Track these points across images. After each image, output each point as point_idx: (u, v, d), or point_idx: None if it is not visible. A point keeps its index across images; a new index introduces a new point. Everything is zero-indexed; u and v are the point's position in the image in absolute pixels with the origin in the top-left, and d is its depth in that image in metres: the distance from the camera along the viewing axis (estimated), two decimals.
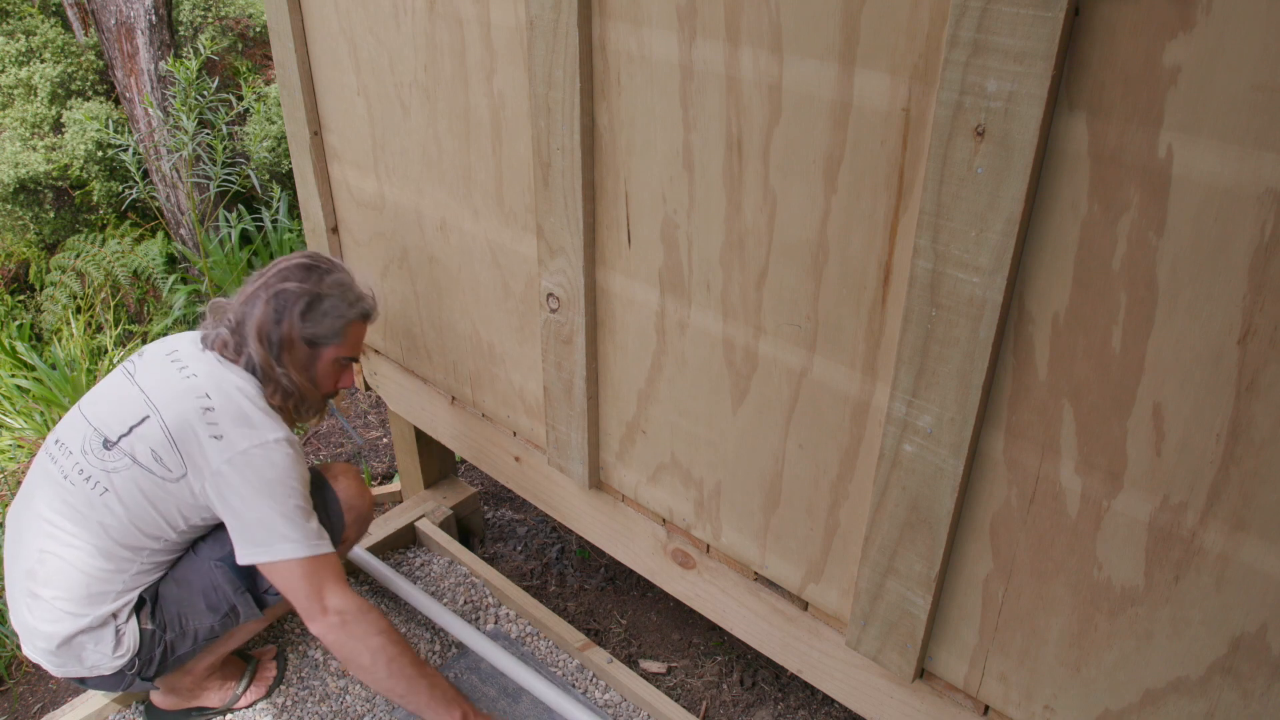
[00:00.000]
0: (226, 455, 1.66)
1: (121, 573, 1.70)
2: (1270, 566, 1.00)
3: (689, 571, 1.76)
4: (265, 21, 4.45)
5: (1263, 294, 0.91)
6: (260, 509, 1.66)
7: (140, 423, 1.70)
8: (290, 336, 1.76)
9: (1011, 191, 1.01)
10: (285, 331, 1.75)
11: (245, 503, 1.66)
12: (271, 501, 1.66)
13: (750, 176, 1.29)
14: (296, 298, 1.76)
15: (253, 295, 1.77)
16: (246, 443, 1.67)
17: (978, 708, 1.38)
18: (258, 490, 1.66)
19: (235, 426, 1.68)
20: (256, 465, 1.66)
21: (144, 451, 1.68)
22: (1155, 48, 0.90)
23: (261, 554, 1.67)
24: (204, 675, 1.96)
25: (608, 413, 1.74)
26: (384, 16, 1.79)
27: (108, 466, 1.68)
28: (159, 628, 1.75)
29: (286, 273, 1.78)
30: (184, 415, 1.68)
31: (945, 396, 1.16)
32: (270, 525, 1.66)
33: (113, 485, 1.67)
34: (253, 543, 1.67)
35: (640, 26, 1.33)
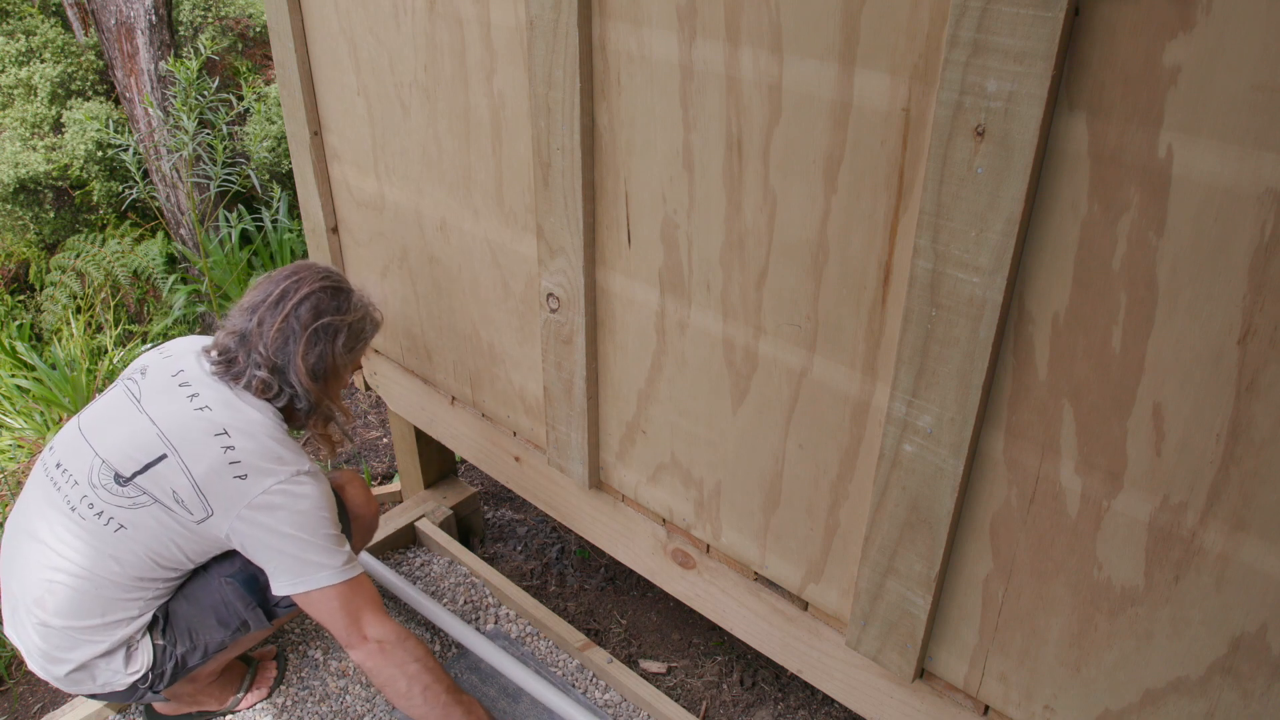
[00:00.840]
0: (253, 495, 1.64)
1: (136, 600, 1.69)
2: (1270, 566, 1.00)
3: (689, 571, 1.76)
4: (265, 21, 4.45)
5: (1263, 294, 0.91)
6: (294, 544, 1.65)
7: (157, 461, 1.65)
8: (335, 367, 1.77)
9: (1011, 191, 1.01)
10: (329, 364, 1.76)
11: (279, 538, 1.65)
12: (304, 534, 1.65)
13: (750, 176, 1.29)
14: (336, 331, 1.75)
15: (283, 330, 1.72)
16: (273, 480, 1.65)
17: (978, 708, 1.38)
18: (290, 524, 1.65)
19: (261, 464, 1.66)
20: (286, 502, 1.65)
21: (164, 491, 1.64)
22: (1155, 48, 0.90)
23: (299, 585, 1.67)
24: (206, 681, 1.96)
25: (608, 413, 1.74)
26: (384, 16, 1.79)
27: (122, 503, 1.64)
28: (170, 643, 1.74)
29: (318, 305, 1.74)
30: (207, 460, 1.64)
31: (945, 396, 1.16)
32: (305, 558, 1.66)
33: (128, 522, 1.64)
34: (289, 573, 1.66)
35: (640, 26, 1.33)
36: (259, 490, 1.64)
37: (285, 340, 1.72)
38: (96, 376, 3.49)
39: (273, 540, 1.65)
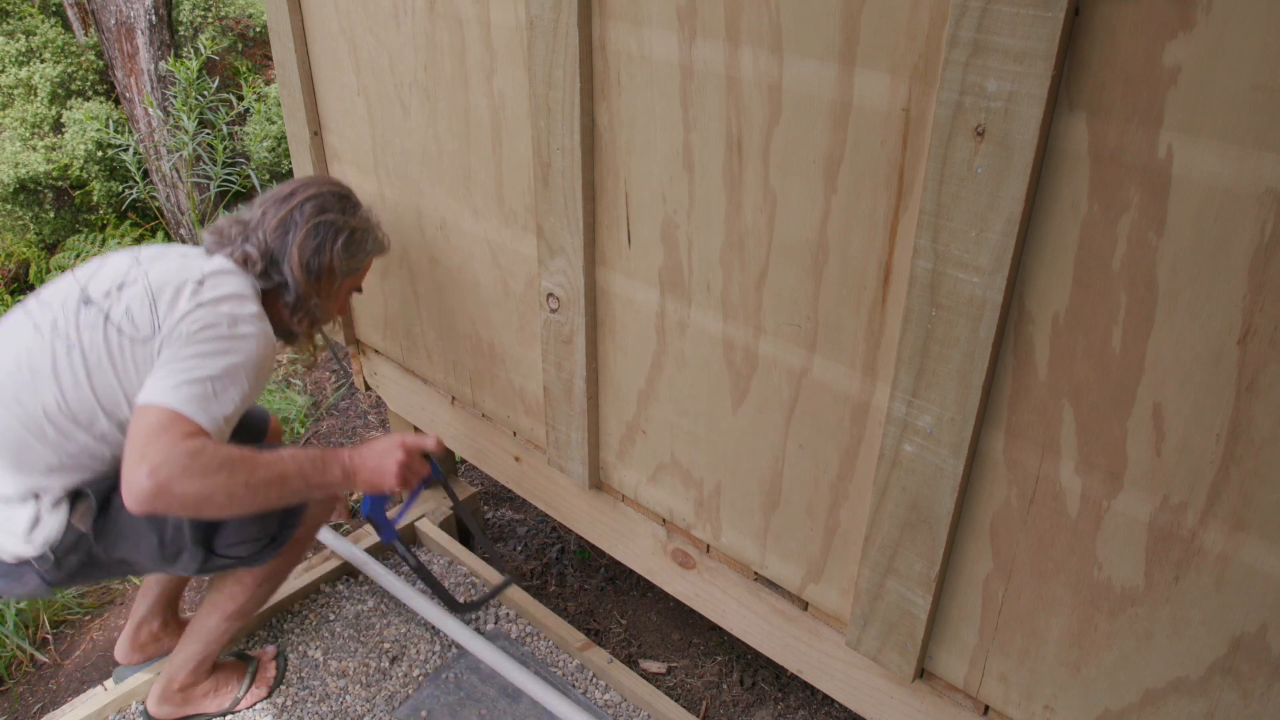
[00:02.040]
0: (191, 307, 1.55)
1: (58, 448, 1.56)
2: (1270, 566, 1.00)
3: (689, 571, 1.76)
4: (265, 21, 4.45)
5: (1263, 294, 0.91)
6: (188, 364, 1.49)
7: (125, 285, 1.60)
8: (330, 266, 1.73)
9: (1011, 191, 1.01)
10: (326, 261, 1.72)
11: (183, 357, 1.50)
12: (205, 368, 1.50)
13: (750, 176, 1.29)
14: (339, 230, 1.73)
15: (285, 221, 1.70)
16: (224, 312, 1.56)
17: (978, 708, 1.38)
18: (202, 352, 1.51)
19: (221, 302, 1.58)
20: (216, 333, 1.53)
21: (119, 311, 1.57)
22: (1155, 48, 0.90)
23: (149, 395, 1.47)
24: (188, 684, 1.94)
25: (608, 413, 1.74)
26: (384, 16, 1.79)
27: (81, 324, 1.57)
28: (92, 535, 1.61)
29: (324, 202, 1.73)
30: (170, 277, 1.59)
31: (945, 396, 1.16)
32: (173, 373, 1.49)
33: (81, 343, 1.56)
34: (154, 384, 1.48)
35: (640, 26, 1.33)
36: (201, 305, 1.55)
37: (285, 230, 1.69)
38: None
39: (176, 353, 1.51)
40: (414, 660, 2.14)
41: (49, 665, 2.37)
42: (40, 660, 2.37)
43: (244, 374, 1.55)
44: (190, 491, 1.42)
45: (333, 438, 3.25)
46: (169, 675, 1.93)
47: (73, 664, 2.37)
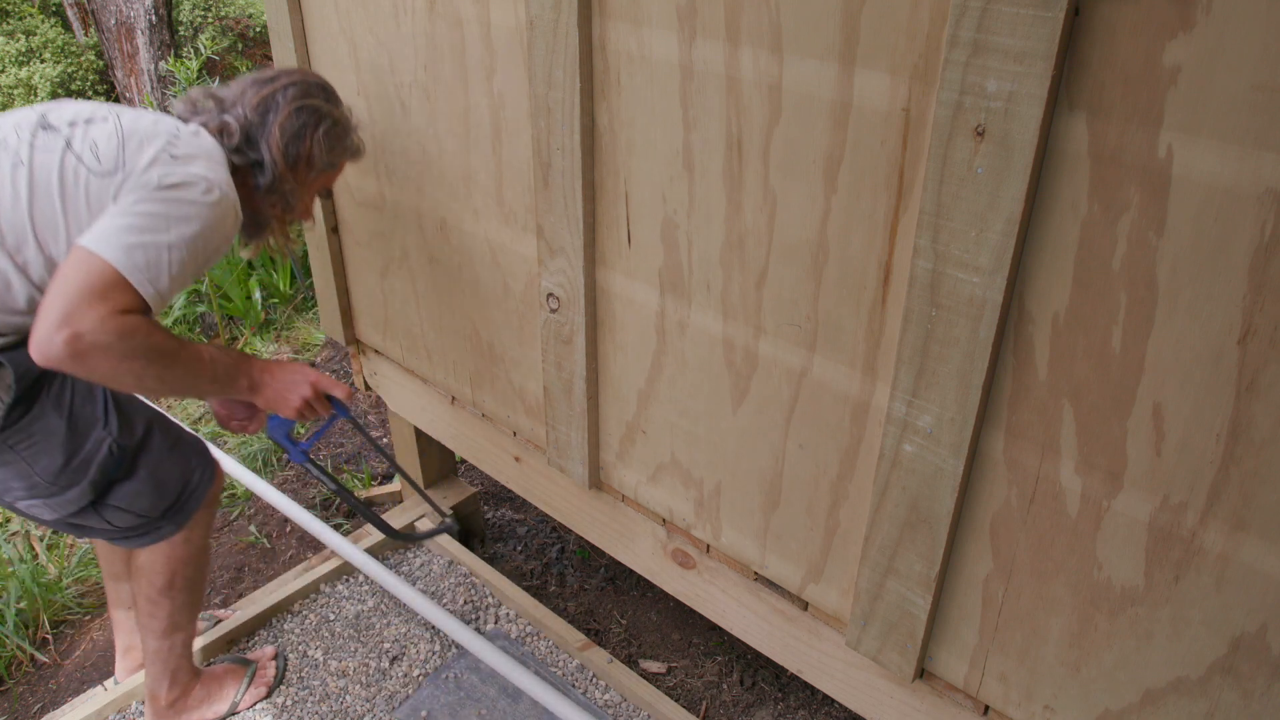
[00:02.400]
0: (163, 157, 1.45)
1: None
2: (1270, 566, 1.00)
3: (689, 571, 1.76)
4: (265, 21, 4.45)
5: (1263, 294, 0.91)
6: (137, 217, 1.39)
7: (94, 121, 1.50)
8: (309, 154, 1.65)
9: (1011, 191, 1.01)
10: (306, 148, 1.64)
11: (133, 204, 1.40)
12: (156, 226, 1.39)
13: (750, 176, 1.29)
14: (322, 117, 1.66)
15: (267, 100, 1.62)
16: (196, 170, 1.46)
17: (978, 708, 1.38)
18: (142, 204, 1.40)
19: (192, 153, 1.48)
20: (183, 195, 1.43)
21: (82, 141, 1.46)
22: (1155, 48, 0.90)
23: (88, 240, 1.36)
24: (175, 697, 1.91)
25: (608, 413, 1.74)
26: (384, 16, 1.79)
27: (36, 144, 1.46)
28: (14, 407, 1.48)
29: (308, 88, 1.67)
30: (143, 125, 1.50)
31: (945, 396, 1.16)
32: (125, 227, 1.37)
33: (31, 162, 1.44)
34: (99, 229, 1.38)
35: (640, 26, 1.33)
36: (177, 172, 1.44)
37: (267, 109, 1.62)
38: None
39: (137, 202, 1.41)
40: (414, 660, 2.15)
41: (49, 665, 2.37)
42: (40, 660, 2.37)
43: (202, 244, 1.45)
44: (104, 368, 1.34)
45: (333, 437, 3.25)
46: (150, 696, 1.92)
47: (73, 664, 2.37)
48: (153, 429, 1.71)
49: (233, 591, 2.60)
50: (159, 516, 1.72)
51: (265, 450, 3.11)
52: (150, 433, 1.70)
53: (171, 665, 1.88)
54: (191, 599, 1.85)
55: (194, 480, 1.76)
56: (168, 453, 1.72)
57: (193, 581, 1.83)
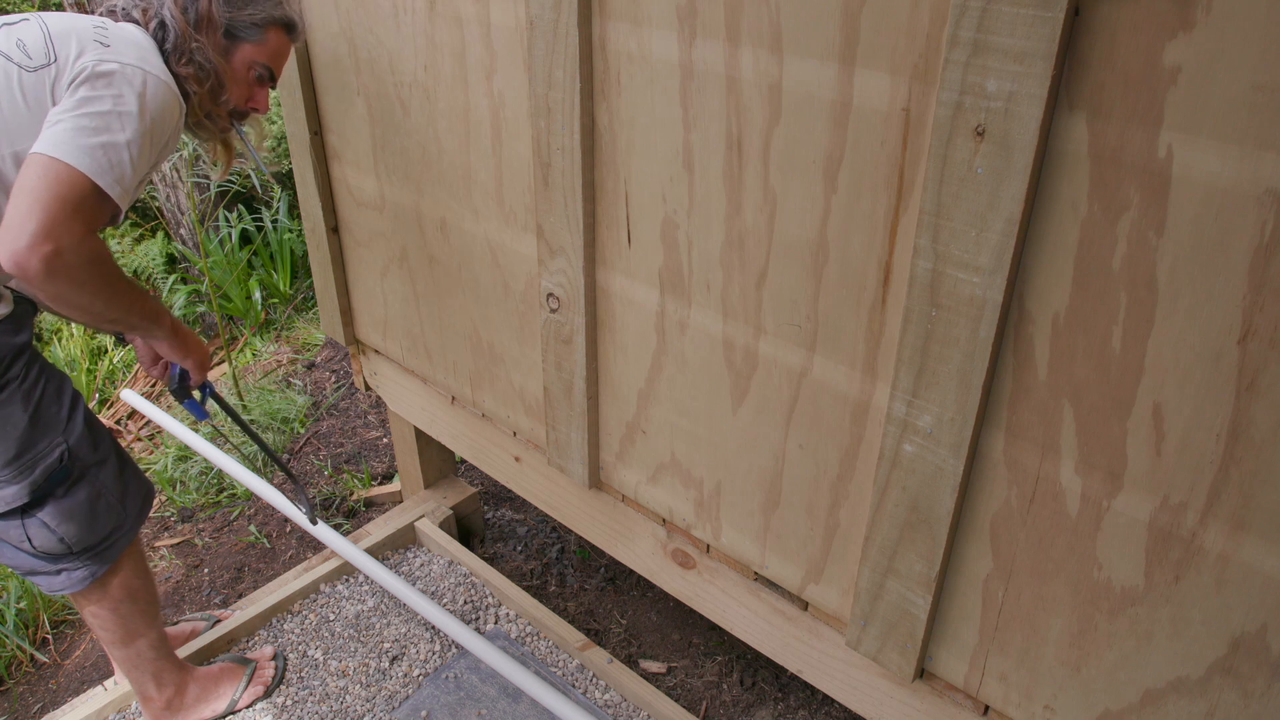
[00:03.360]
0: (95, 48, 1.42)
1: None
2: (1270, 566, 1.00)
3: (689, 571, 1.76)
4: None
5: (1263, 294, 0.91)
6: (86, 119, 1.35)
7: (16, 25, 1.47)
8: (209, 14, 1.56)
9: (1011, 191, 1.01)
10: (203, 7, 1.55)
11: (80, 104, 1.37)
12: (91, 115, 1.36)
13: (750, 176, 1.29)
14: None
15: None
16: (131, 59, 1.43)
17: (977, 708, 1.38)
18: (88, 104, 1.37)
19: (126, 47, 1.45)
20: (128, 87, 1.40)
21: (8, 42, 1.43)
22: (1155, 48, 0.90)
23: (43, 145, 1.33)
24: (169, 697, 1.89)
25: (608, 413, 1.74)
26: (384, 16, 1.79)
27: None
28: None
29: None
30: (71, 22, 1.47)
31: (945, 396, 1.16)
32: (81, 129, 1.34)
33: None
34: (49, 136, 1.34)
35: (640, 26, 1.33)
36: (113, 61, 1.41)
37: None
38: (96, 376, 3.49)
39: (86, 99, 1.37)
40: (414, 660, 2.15)
41: (49, 665, 2.37)
42: (40, 660, 2.37)
43: (155, 135, 1.44)
44: (66, 289, 1.34)
45: (333, 437, 3.25)
46: (141, 699, 1.90)
47: (73, 664, 2.37)
48: (110, 459, 1.67)
49: (233, 591, 2.60)
50: (78, 552, 1.64)
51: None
52: (107, 461, 1.66)
53: (148, 669, 1.85)
54: (136, 607, 1.77)
55: (125, 528, 1.70)
56: (115, 490, 1.67)
57: (132, 590, 1.76)
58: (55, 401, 1.57)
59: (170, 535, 2.82)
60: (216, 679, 2.01)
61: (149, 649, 1.83)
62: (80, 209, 1.33)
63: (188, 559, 2.72)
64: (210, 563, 2.71)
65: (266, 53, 1.67)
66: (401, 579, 2.28)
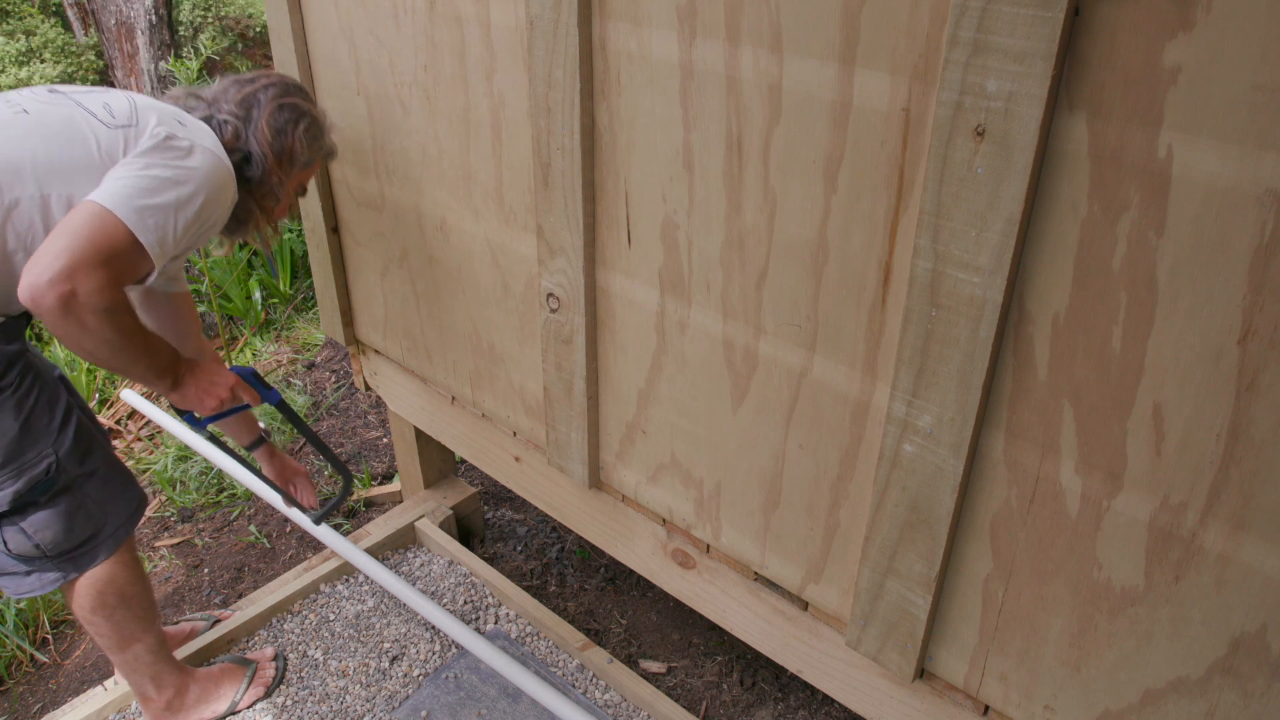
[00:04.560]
0: (172, 124, 1.52)
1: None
2: (1270, 566, 1.00)
3: (689, 571, 1.76)
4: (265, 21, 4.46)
5: (1263, 294, 0.91)
6: (142, 180, 1.42)
7: (107, 93, 1.57)
8: (292, 149, 1.70)
9: (1011, 191, 1.01)
10: (289, 143, 1.70)
11: (144, 166, 1.44)
12: (151, 178, 1.43)
13: (750, 176, 1.29)
14: (303, 114, 1.72)
15: (249, 98, 1.68)
16: (206, 144, 1.54)
17: (977, 708, 1.38)
18: (152, 168, 1.44)
19: (202, 133, 1.56)
20: (195, 162, 1.49)
21: (96, 102, 1.53)
22: (1155, 48, 0.90)
23: (97, 193, 1.40)
24: (169, 698, 1.89)
25: (608, 413, 1.74)
26: (384, 16, 1.79)
27: (43, 99, 1.52)
28: None
29: (289, 88, 1.73)
30: (156, 102, 1.58)
31: (945, 396, 1.16)
32: (138, 188, 1.41)
33: (39, 112, 1.48)
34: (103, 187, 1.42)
35: (640, 26, 1.33)
36: (186, 140, 1.51)
37: (250, 106, 1.68)
38: (97, 376, 3.49)
39: (151, 161, 1.46)
40: (414, 660, 2.15)
41: (49, 665, 2.37)
42: (40, 660, 2.38)
43: (205, 214, 1.51)
44: (75, 330, 1.37)
45: (333, 437, 3.25)
46: (141, 700, 1.91)
47: (73, 664, 2.37)
48: (98, 470, 1.66)
49: (233, 591, 2.60)
50: (52, 556, 1.64)
51: None
52: (95, 472, 1.65)
53: (146, 672, 1.85)
54: (131, 613, 1.77)
55: (104, 534, 1.69)
56: (98, 499, 1.67)
57: (126, 597, 1.75)
58: (47, 412, 1.57)
59: (170, 535, 2.82)
60: (217, 680, 2.01)
61: (146, 652, 1.83)
62: (111, 259, 1.37)
63: (188, 559, 2.72)
64: (210, 563, 2.71)
65: (311, 174, 1.84)
66: (402, 579, 2.28)
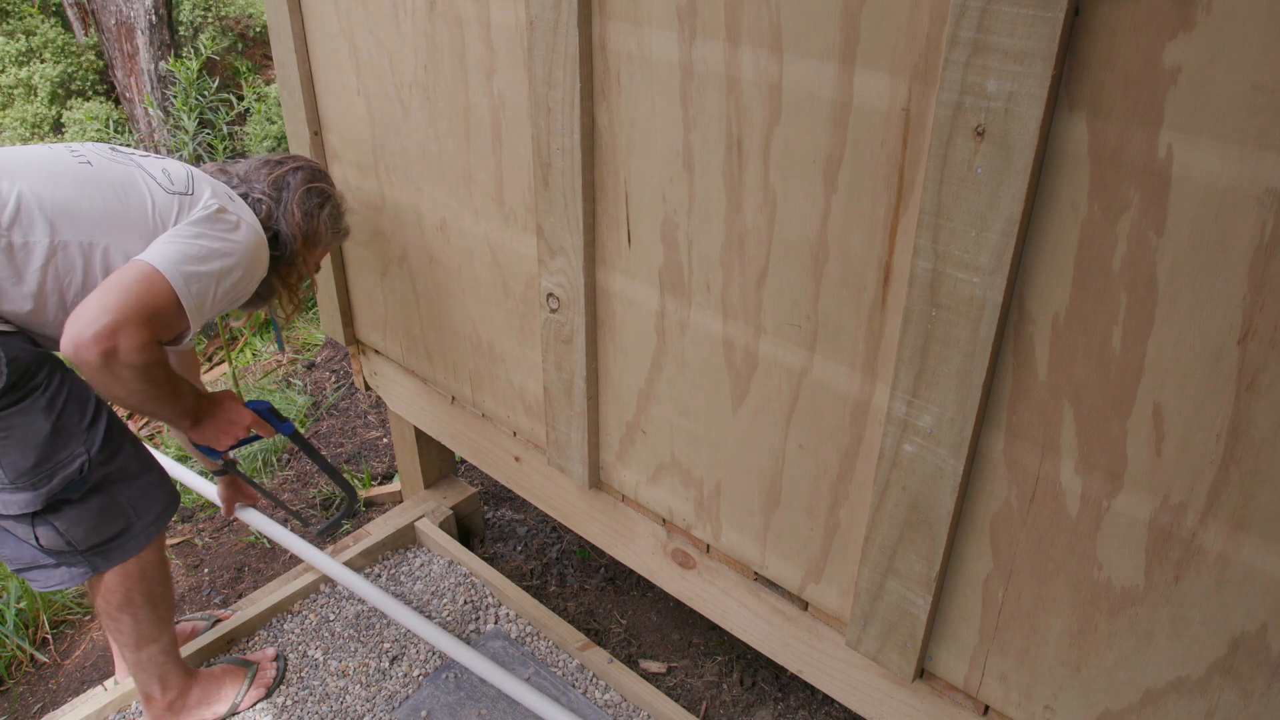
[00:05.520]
0: (220, 195, 1.65)
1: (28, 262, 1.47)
2: (1270, 566, 1.00)
3: (689, 571, 1.77)
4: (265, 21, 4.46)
5: (1263, 294, 0.91)
6: (184, 244, 1.53)
7: (166, 159, 1.70)
8: (318, 230, 1.82)
9: (1011, 191, 1.01)
10: (315, 225, 1.81)
11: (195, 235, 1.55)
12: (200, 247, 1.54)
13: (750, 176, 1.29)
14: (328, 198, 1.84)
15: (279, 181, 1.79)
16: (250, 219, 1.67)
17: (977, 708, 1.38)
18: (202, 238, 1.56)
19: (249, 213, 1.68)
20: (237, 230, 1.61)
21: (155, 166, 1.65)
22: (1155, 48, 0.90)
23: (148, 255, 1.49)
24: (172, 699, 1.91)
25: (608, 413, 1.74)
26: (384, 17, 1.79)
27: (105, 156, 1.63)
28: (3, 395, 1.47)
29: (312, 172, 1.84)
30: (211, 177, 1.71)
31: (945, 396, 1.16)
32: (187, 255, 1.52)
33: (102, 166, 1.59)
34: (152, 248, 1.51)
35: (640, 26, 1.33)
36: (235, 216, 1.63)
37: (280, 189, 1.78)
38: None
39: (202, 231, 1.57)
40: (414, 660, 2.15)
41: (49, 665, 2.37)
42: (40, 660, 2.38)
43: (240, 286, 1.63)
44: (111, 382, 1.45)
45: (333, 437, 3.25)
46: (144, 699, 1.91)
47: (73, 664, 2.37)
48: (129, 467, 1.68)
49: (233, 591, 2.60)
50: (82, 551, 1.65)
51: (265, 449, 3.11)
52: (125, 469, 1.67)
53: (155, 672, 1.87)
54: (154, 613, 1.80)
55: (134, 530, 1.70)
56: (129, 495, 1.68)
57: (152, 596, 1.78)
58: (78, 411, 1.59)
59: (170, 535, 2.82)
60: (219, 681, 2.01)
61: (160, 653, 1.85)
62: (154, 318, 1.46)
63: (188, 559, 2.72)
64: (210, 563, 2.71)
65: (326, 252, 1.93)
66: (386, 593, 2.25)
